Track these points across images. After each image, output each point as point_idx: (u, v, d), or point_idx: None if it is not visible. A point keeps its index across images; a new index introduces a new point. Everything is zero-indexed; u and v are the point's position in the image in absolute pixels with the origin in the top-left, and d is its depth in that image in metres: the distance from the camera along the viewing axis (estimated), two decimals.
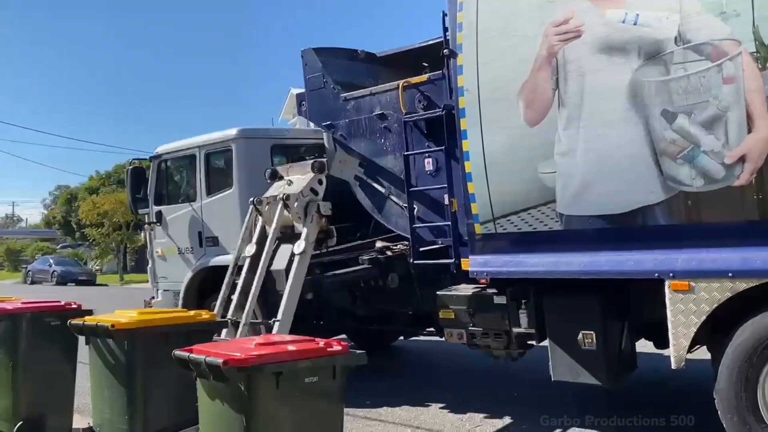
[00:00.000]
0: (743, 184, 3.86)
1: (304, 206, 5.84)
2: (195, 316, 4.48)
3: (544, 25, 4.54)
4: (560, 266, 4.62)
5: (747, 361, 3.87)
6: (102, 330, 4.06)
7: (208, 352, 3.10)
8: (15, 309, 5.19)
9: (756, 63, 3.78)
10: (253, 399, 2.96)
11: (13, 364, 5.06)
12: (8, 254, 51.32)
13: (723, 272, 3.91)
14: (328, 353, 3.19)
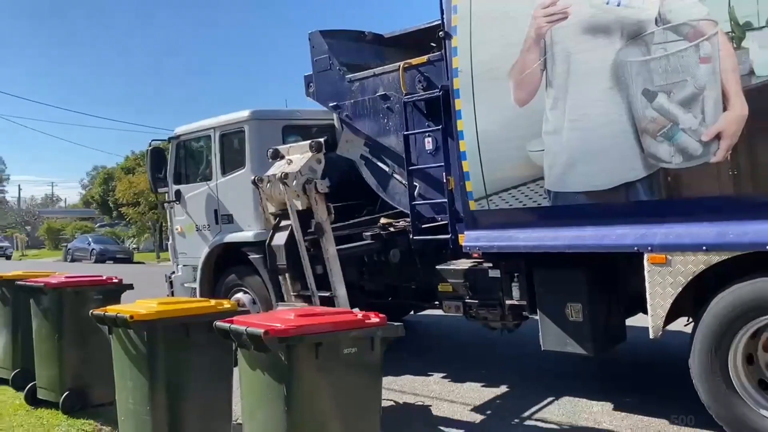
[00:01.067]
0: (719, 160, 3.99)
1: (302, 184, 5.96)
2: (216, 305, 4.36)
3: (533, 7, 4.68)
4: (547, 241, 4.81)
5: (718, 331, 4.03)
6: (121, 321, 4.01)
7: (249, 323, 3.14)
8: (59, 283, 5.42)
9: (731, 43, 3.88)
10: (293, 369, 3.02)
11: (59, 336, 5.28)
12: (49, 233, 52.70)
13: (698, 246, 4.06)
14: (367, 325, 3.24)
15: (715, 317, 4.03)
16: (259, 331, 2.98)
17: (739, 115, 3.89)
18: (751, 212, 3.91)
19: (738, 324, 3.97)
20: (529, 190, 4.88)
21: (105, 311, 4.23)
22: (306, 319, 3.16)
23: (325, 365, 3.08)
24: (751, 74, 3.83)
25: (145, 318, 3.98)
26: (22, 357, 5.95)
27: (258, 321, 3.18)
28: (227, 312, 4.16)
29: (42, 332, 5.47)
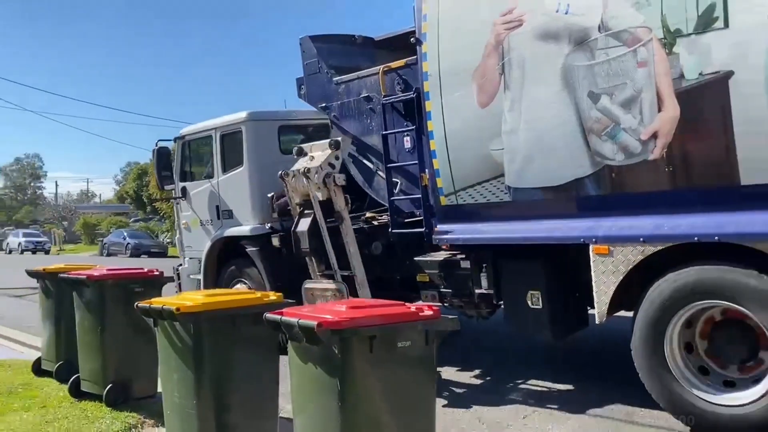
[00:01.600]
0: (656, 158, 4.28)
1: (322, 178, 6.46)
2: (262, 297, 4.25)
3: (493, 16, 5.00)
4: (507, 233, 5.15)
5: (654, 317, 4.32)
6: (167, 313, 3.90)
7: (300, 315, 3.07)
8: (101, 276, 5.43)
9: (664, 48, 4.16)
10: (346, 362, 2.92)
11: (101, 328, 5.27)
12: (85, 228, 54.03)
13: (636, 237, 4.37)
14: (421, 318, 3.14)
15: (651, 304, 4.33)
16: (312, 324, 2.89)
17: (672, 116, 4.17)
18: (684, 206, 4.20)
19: (671, 311, 4.26)
20: (491, 186, 5.22)
21: (150, 303, 4.11)
22: (358, 311, 3.06)
23: (379, 359, 2.98)
24: (681, 77, 4.12)
25: (191, 310, 3.86)
26: (66, 349, 5.95)
27: (309, 313, 3.10)
28: (273, 304, 4.06)
29: (85, 325, 5.47)
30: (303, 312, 3.15)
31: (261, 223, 7.30)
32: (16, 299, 13.69)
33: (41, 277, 6.35)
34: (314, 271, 6.49)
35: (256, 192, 7.31)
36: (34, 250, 44.02)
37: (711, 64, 3.99)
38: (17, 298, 13.76)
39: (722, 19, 3.92)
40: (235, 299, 4.16)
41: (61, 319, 6.06)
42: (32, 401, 5.41)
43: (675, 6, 4.09)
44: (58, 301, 6.11)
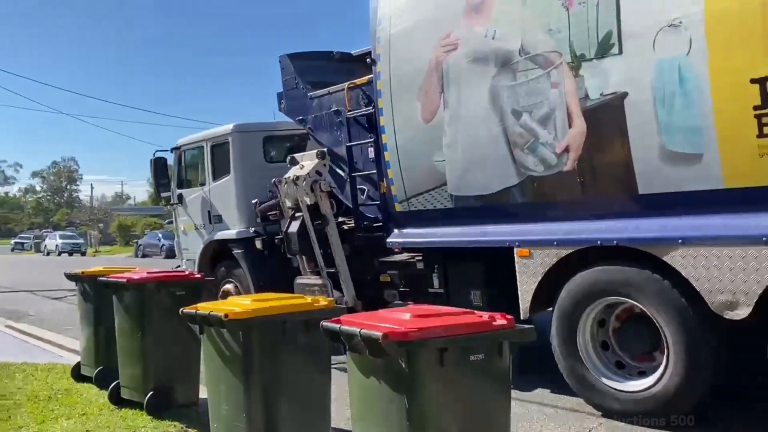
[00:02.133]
0: (569, 169, 4.73)
1: (310, 184, 7.07)
2: (312, 302, 4.05)
3: (434, 40, 5.50)
4: (448, 237, 5.65)
5: (568, 312, 4.78)
6: (215, 320, 3.71)
7: (362, 324, 2.84)
8: (142, 279, 5.24)
9: (572, 71, 4.62)
10: (414, 377, 2.68)
11: (141, 333, 5.09)
12: (120, 230, 55.32)
13: (551, 241, 4.83)
14: (495, 328, 2.88)
15: (564, 301, 4.80)
16: (377, 334, 2.67)
17: (581, 132, 4.63)
18: (591, 213, 4.66)
19: (581, 307, 4.72)
20: (437, 194, 5.72)
21: (196, 309, 3.92)
22: (426, 321, 2.84)
23: (450, 373, 2.73)
24: (586, 97, 4.57)
25: (241, 317, 3.65)
26: (105, 354, 5.81)
27: (371, 321, 2.88)
28: (324, 310, 3.88)
29: (124, 329, 5.30)
30: (364, 321, 2.91)
31: (246, 227, 7.92)
32: (55, 301, 13.85)
33: (80, 280, 6.21)
34: (304, 268, 7.16)
35: (241, 198, 7.93)
36: (70, 251, 45.40)
37: (609, 86, 4.44)
38: (56, 300, 13.93)
39: (617, 46, 4.37)
40: (284, 304, 3.97)
41: (99, 323, 5.91)
42: (73, 408, 5.27)
43: (580, 33, 4.55)
44: (97, 304, 5.95)
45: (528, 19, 4.85)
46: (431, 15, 5.51)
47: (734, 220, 3.98)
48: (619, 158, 4.44)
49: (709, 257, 4.05)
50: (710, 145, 4.00)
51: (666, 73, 4.15)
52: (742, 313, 3.94)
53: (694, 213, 4.16)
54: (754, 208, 3.90)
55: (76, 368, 6.25)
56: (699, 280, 4.10)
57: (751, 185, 3.90)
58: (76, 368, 6.24)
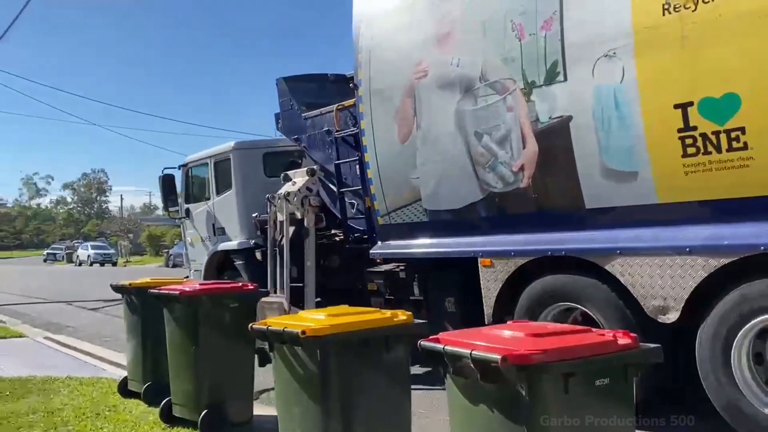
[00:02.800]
0: (525, 186, 5.16)
1: (300, 200, 7.58)
2: (392, 317, 3.76)
3: (408, 66, 5.98)
4: (423, 248, 6.10)
5: (525, 317, 5.17)
6: (289, 337, 3.42)
7: (471, 345, 2.54)
8: (194, 291, 5.06)
9: (524, 96, 5.05)
10: (536, 405, 2.40)
11: (195, 347, 4.88)
12: (150, 240, 56.11)
13: (509, 252, 5.26)
14: (620, 348, 2.59)
15: (521, 308, 5.21)
16: (494, 357, 2.37)
17: (533, 151, 5.05)
18: (545, 226, 5.07)
19: (536, 312, 5.12)
20: (414, 208, 6.17)
21: (267, 325, 3.67)
22: (545, 341, 2.55)
23: (575, 401, 2.46)
24: (537, 120, 4.99)
25: (319, 333, 3.37)
26: (153, 369, 5.71)
27: (480, 341, 2.59)
28: (404, 325, 3.68)
29: (176, 344, 5.10)
30: (470, 340, 2.62)
31: (247, 239, 8.46)
32: (92, 312, 13.92)
33: (126, 291, 6.09)
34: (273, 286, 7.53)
35: (242, 211, 8.49)
36: (102, 262, 46.46)
37: (557, 110, 4.86)
38: (92, 311, 14.01)
39: (563, 73, 4.80)
40: (363, 319, 3.68)
41: (147, 336, 5.79)
42: (122, 426, 5.14)
43: (531, 61, 4.98)
44: (144, 317, 5.83)
45: (487, 48, 5.29)
46: (405, 45, 5.99)
47: (664, 232, 4.37)
48: (567, 175, 4.85)
49: (643, 266, 4.44)
50: (643, 164, 4.40)
51: (604, 98, 4.56)
52: (672, 317, 4.32)
53: (631, 225, 4.55)
54: (681, 221, 4.29)
55: (123, 383, 6.11)
56: (635, 286, 4.49)
57: (679, 200, 4.30)
58: (123, 383, 6.10)
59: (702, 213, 4.20)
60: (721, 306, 4.10)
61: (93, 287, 21.08)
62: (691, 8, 4.06)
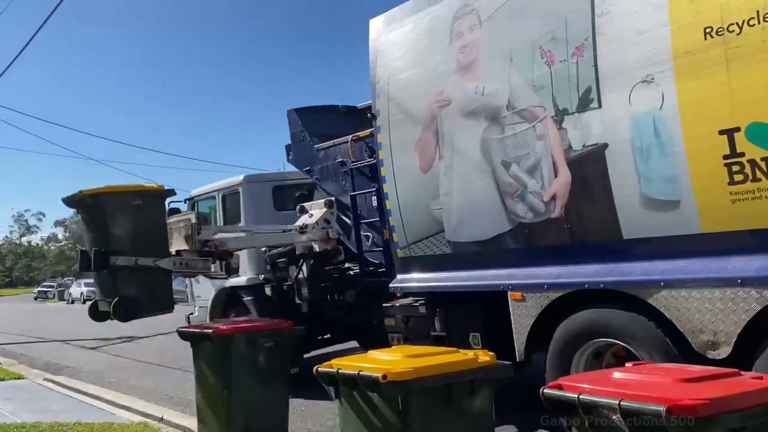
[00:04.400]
0: (557, 216, 4.97)
1: (318, 232, 7.43)
2: (476, 358, 3.44)
3: (429, 95, 5.84)
4: (448, 281, 5.87)
5: (563, 352, 4.95)
6: (367, 381, 3.08)
7: (619, 393, 2.27)
8: (228, 329, 4.86)
9: (555, 124, 4.90)
10: None
11: (228, 390, 4.67)
12: None
13: (541, 285, 5.04)
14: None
15: (557, 342, 4.97)
16: (658, 409, 2.10)
17: (566, 181, 4.88)
18: (580, 257, 4.87)
19: (574, 348, 4.89)
20: (436, 240, 5.97)
21: (337, 368, 3.31)
22: (713, 386, 2.32)
23: None
24: (570, 149, 4.84)
25: (401, 378, 3.02)
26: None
27: (621, 388, 2.32)
28: (488, 367, 3.40)
29: (208, 385, 4.87)
30: (613, 388, 2.34)
31: (256, 274, 8.20)
32: (91, 351, 13.54)
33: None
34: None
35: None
36: None
37: (591, 137, 4.70)
38: (92, 351, 13.62)
39: (596, 100, 4.65)
40: (446, 361, 3.35)
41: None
42: None
43: (562, 89, 4.84)
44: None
45: (514, 76, 5.16)
46: (426, 74, 5.86)
47: (711, 263, 4.17)
48: (603, 205, 4.68)
49: (690, 299, 4.23)
50: (686, 193, 4.23)
51: (642, 125, 4.41)
52: (723, 353, 4.09)
53: (675, 256, 4.35)
54: (729, 252, 4.10)
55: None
56: (681, 320, 4.27)
57: (725, 230, 4.11)
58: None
59: (751, 243, 4.01)
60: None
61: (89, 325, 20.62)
62: (735, 31, 3.94)
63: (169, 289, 6.28)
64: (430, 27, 5.90)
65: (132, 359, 11.86)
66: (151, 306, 6.04)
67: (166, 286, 6.13)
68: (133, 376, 9.83)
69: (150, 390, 8.60)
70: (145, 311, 6.01)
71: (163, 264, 5.91)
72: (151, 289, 5.91)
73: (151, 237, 5.91)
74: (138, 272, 5.67)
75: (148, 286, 5.85)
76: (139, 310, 5.84)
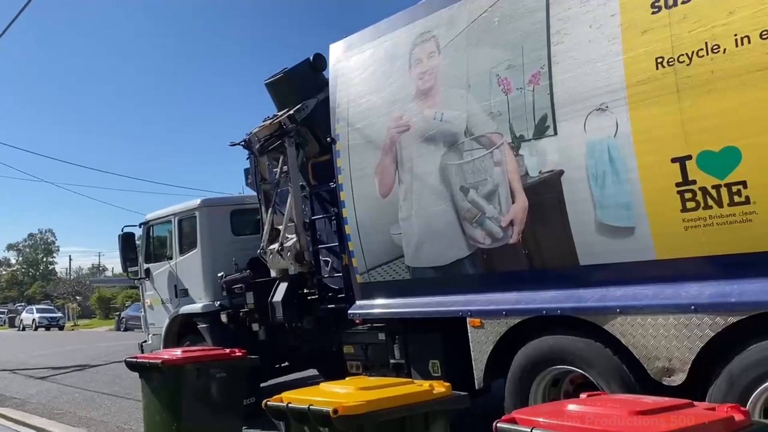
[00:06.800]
0: (514, 242, 4.97)
1: (294, 255, 7.27)
2: (430, 389, 3.35)
3: (388, 120, 5.83)
4: (407, 307, 5.81)
5: (520, 378, 4.91)
6: (318, 416, 2.95)
7: (577, 429, 2.29)
8: (178, 359, 4.61)
9: (512, 150, 4.92)
10: None
11: (178, 423, 4.44)
12: (100, 302, 53.58)
13: (500, 311, 5.01)
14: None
15: (515, 370, 4.93)
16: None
17: (523, 207, 4.89)
18: (538, 283, 4.86)
19: (533, 374, 4.85)
20: (395, 265, 5.91)
21: (286, 401, 3.20)
22: (668, 420, 2.34)
23: None
24: (527, 175, 4.85)
25: (354, 412, 2.91)
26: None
27: (571, 422, 2.33)
28: (443, 398, 3.31)
29: (156, 420, 4.62)
30: (552, 418, 2.37)
31: (212, 301, 8.00)
32: (40, 381, 12.94)
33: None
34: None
35: (208, 272, 8.06)
36: (48, 326, 44.05)
37: (547, 164, 4.73)
38: (41, 380, 13.02)
39: (552, 128, 4.70)
40: (399, 393, 3.24)
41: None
42: None
43: (519, 116, 4.88)
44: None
45: (471, 103, 5.19)
46: (385, 99, 5.86)
47: (666, 290, 4.20)
48: (559, 231, 4.69)
49: (645, 325, 4.24)
50: (640, 219, 4.27)
51: (597, 152, 4.46)
52: (678, 380, 4.10)
53: (630, 283, 4.38)
54: (683, 278, 4.13)
55: None
56: (637, 347, 4.28)
57: (679, 256, 4.15)
58: None
59: (705, 269, 4.05)
60: (733, 366, 3.91)
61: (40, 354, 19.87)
62: (685, 62, 4.03)
63: None
64: (389, 53, 5.91)
65: (83, 389, 11.41)
66: None
67: None
68: (83, 408, 9.43)
69: (100, 422, 8.25)
70: None
71: None
72: None
73: None
74: None
75: None
76: None
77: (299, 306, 7.24)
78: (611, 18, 4.36)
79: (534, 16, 4.79)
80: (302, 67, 7.34)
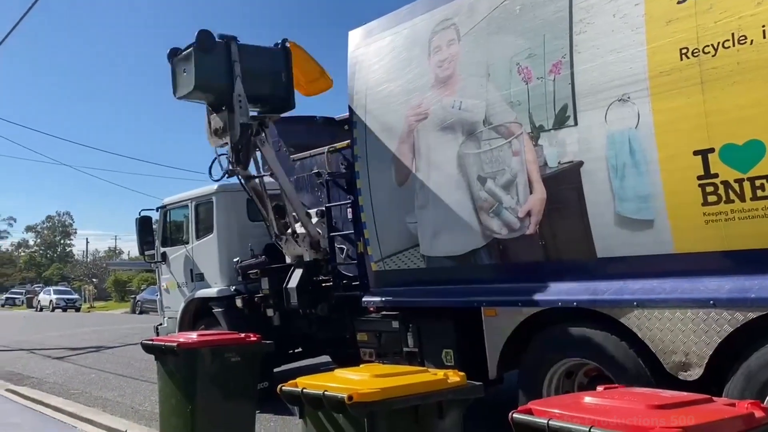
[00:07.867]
0: (531, 233, 4.94)
1: (310, 242, 7.31)
2: (445, 378, 3.29)
3: (407, 108, 5.80)
4: (421, 296, 5.80)
5: (534, 369, 4.90)
6: (333, 402, 2.97)
7: (594, 421, 2.21)
8: (193, 342, 4.63)
9: (531, 140, 4.88)
10: None
11: (192, 408, 4.46)
12: (116, 285, 54.27)
13: (515, 302, 4.99)
14: None
15: (529, 361, 4.92)
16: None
17: (541, 198, 4.85)
18: (554, 275, 4.83)
19: (547, 366, 4.84)
20: (410, 254, 5.91)
21: (301, 386, 3.21)
22: (687, 415, 2.26)
23: None
24: (545, 165, 4.81)
25: (368, 399, 2.92)
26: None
27: (587, 414, 2.28)
28: (458, 387, 3.26)
29: (171, 403, 4.66)
30: (596, 415, 2.28)
31: (227, 286, 8.05)
32: (57, 361, 13.08)
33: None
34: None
35: (223, 257, 8.10)
36: (65, 307, 44.65)
37: (566, 155, 4.69)
38: (57, 360, 13.19)
39: (573, 118, 4.64)
40: (414, 381, 3.23)
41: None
42: None
43: (538, 105, 4.83)
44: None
45: (491, 91, 5.14)
46: (403, 87, 5.83)
47: (684, 284, 4.15)
48: (577, 223, 4.65)
49: (662, 319, 4.21)
50: (660, 212, 4.22)
51: (617, 144, 4.40)
52: (695, 374, 4.07)
53: (648, 276, 4.33)
54: (702, 272, 4.08)
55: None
56: (653, 341, 4.25)
57: (699, 250, 4.10)
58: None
59: (724, 264, 4.00)
60: (751, 363, 3.87)
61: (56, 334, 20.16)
62: (711, 53, 3.96)
63: None
64: (408, 40, 5.87)
65: (98, 370, 11.56)
66: None
67: None
68: (98, 388, 9.56)
69: (115, 402, 8.36)
70: None
71: None
72: None
73: None
74: None
75: None
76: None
77: (314, 292, 7.25)
78: (635, 7, 4.29)
79: (556, 5, 4.73)
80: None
